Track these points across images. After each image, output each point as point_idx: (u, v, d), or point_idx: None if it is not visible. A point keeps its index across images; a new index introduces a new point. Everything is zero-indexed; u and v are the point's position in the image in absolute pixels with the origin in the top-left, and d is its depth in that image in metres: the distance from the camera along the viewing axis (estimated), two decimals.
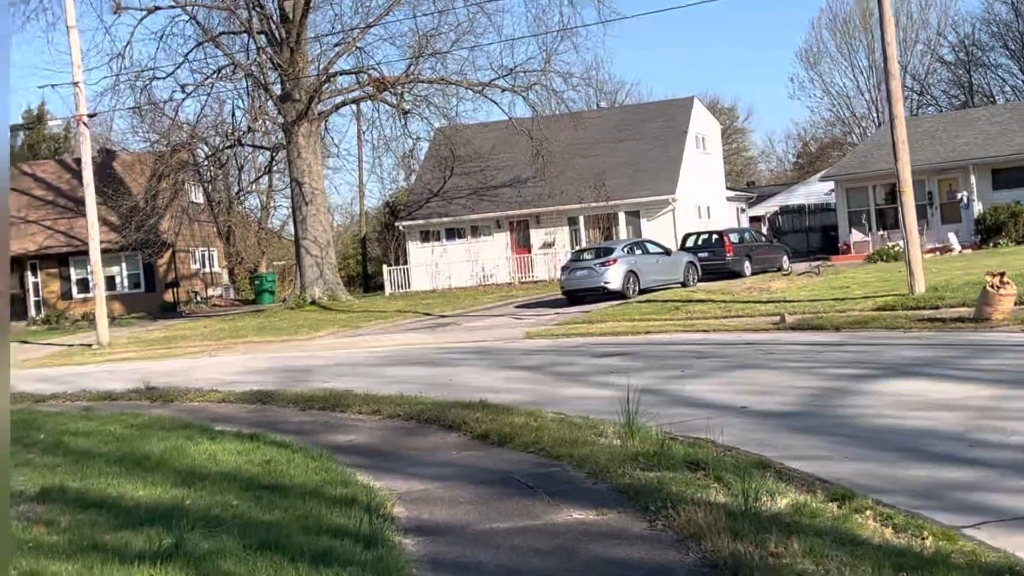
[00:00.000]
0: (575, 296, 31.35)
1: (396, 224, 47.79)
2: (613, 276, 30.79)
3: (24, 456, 9.72)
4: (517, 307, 32.75)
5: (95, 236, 32.52)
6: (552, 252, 43.76)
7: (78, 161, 56.96)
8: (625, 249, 32.46)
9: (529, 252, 44.89)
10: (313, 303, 38.57)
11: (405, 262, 46.64)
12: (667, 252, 34.16)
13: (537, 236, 45.09)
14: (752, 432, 9.73)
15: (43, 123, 69.93)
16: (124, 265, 50.06)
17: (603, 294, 30.67)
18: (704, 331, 20.40)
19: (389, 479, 8.43)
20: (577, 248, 38.84)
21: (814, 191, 56.71)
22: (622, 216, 44.01)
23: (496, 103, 42.23)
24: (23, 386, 20.68)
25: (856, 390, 11.78)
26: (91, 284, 33.97)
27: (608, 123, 49.08)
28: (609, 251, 31.98)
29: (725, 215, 50.48)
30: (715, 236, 37.38)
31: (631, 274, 31.19)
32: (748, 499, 6.53)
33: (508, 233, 45.44)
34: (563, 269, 32.61)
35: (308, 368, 20.13)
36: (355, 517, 6.59)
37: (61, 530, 6.43)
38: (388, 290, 45.20)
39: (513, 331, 24.68)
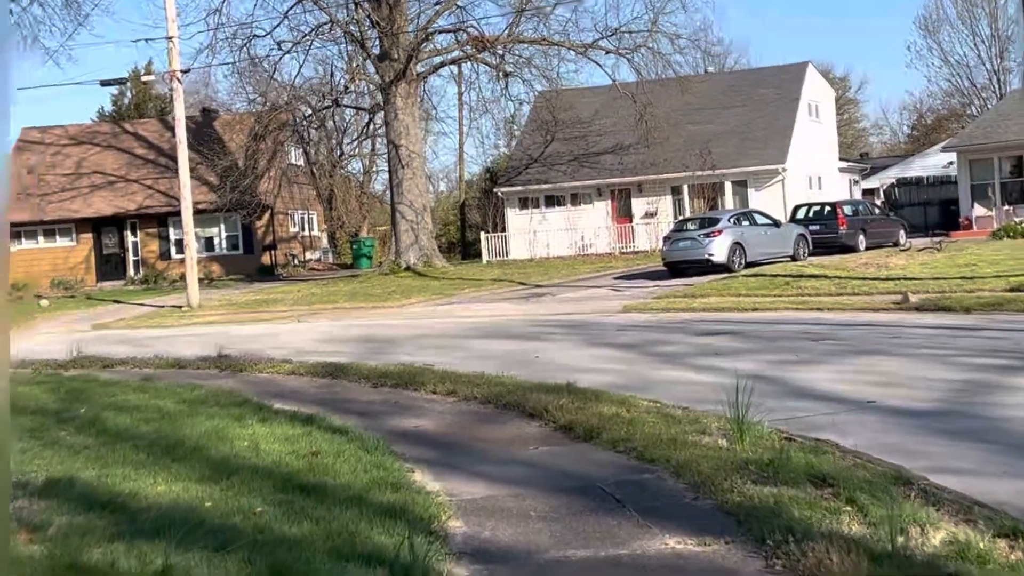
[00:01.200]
0: (677, 268, 29.79)
1: (495, 190, 46.58)
2: (718, 248, 29.13)
3: (54, 434, 8.74)
4: (615, 278, 31.32)
5: (187, 196, 31.94)
6: (654, 222, 42.13)
7: None
8: (731, 220, 30.73)
9: (630, 222, 43.31)
10: (408, 269, 37.63)
11: (503, 229, 45.45)
12: (776, 224, 32.30)
13: (639, 205, 43.47)
14: (883, 434, 8.25)
15: (146, 82, 70.26)
16: (223, 226, 49.69)
17: (707, 267, 29.06)
18: (818, 309, 18.75)
19: (451, 479, 7.19)
20: (680, 218, 37.14)
21: (931, 163, 53.88)
22: (728, 186, 42.14)
23: (599, 65, 40.66)
24: (100, 348, 20.03)
25: (1004, 384, 10.17)
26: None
27: (716, 88, 47.04)
28: (714, 221, 30.30)
29: (837, 187, 48.14)
30: (827, 208, 35.35)
31: (737, 246, 29.48)
32: (894, 534, 5.10)
33: (609, 201, 43.91)
34: (665, 240, 31.05)
35: (391, 338, 19.04)
36: (399, 535, 5.35)
37: (46, 538, 5.33)
38: (485, 258, 44.09)
39: (610, 304, 23.31)
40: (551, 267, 37.74)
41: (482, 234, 45.92)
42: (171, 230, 49.84)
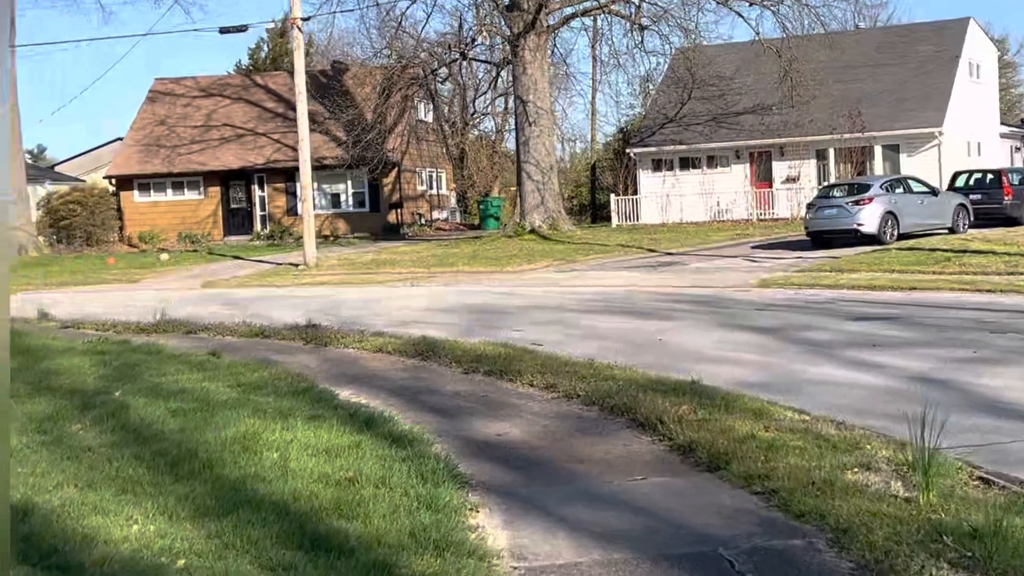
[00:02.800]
0: (821, 238, 27.33)
1: (627, 151, 44.37)
2: (868, 217, 26.54)
3: (65, 428, 7.27)
4: (753, 248, 29.01)
5: (305, 149, 30.78)
6: (796, 187, 39.42)
7: (310, 74, 56.41)
8: (884, 186, 28.01)
9: (770, 186, 40.66)
10: (532, 232, 35.86)
11: (634, 192, 43.27)
12: (933, 192, 29.41)
13: (780, 169, 40.77)
14: None
15: (283, 37, 69.76)
16: (349, 183, 48.60)
17: (854, 238, 26.52)
18: (988, 291, 16.32)
19: (525, 527, 5.42)
20: (826, 184, 34.40)
21: None
22: (878, 150, 39.13)
23: (742, 16, 37.99)
24: (196, 309, 18.91)
25: None
26: (299, 200, 32.22)
27: (867, 45, 43.75)
28: (864, 188, 27.66)
29: (997, 154, 44.51)
30: (990, 176, 32.26)
31: (889, 216, 26.83)
32: None
33: (747, 165, 41.31)
34: (808, 207, 28.53)
35: (502, 309, 17.32)
36: None
37: None
38: (615, 221, 42.03)
39: (746, 277, 21.16)
40: (683, 233, 35.54)
41: (612, 197, 43.83)
42: (298, 185, 48.91)
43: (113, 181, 48.19)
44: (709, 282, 20.49)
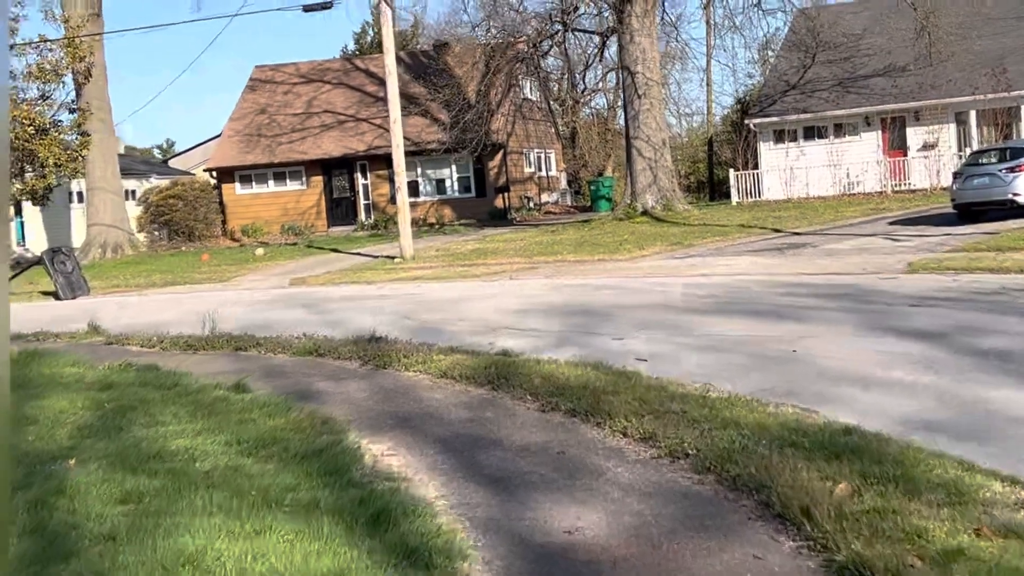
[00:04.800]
0: (969, 211, 24.21)
1: (746, 122, 41.31)
2: None
3: None
4: (891, 224, 26.01)
5: (397, 132, 28.72)
6: (934, 155, 35.98)
7: (411, 53, 54.54)
8: None
9: (904, 155, 37.25)
10: (644, 213, 33.29)
11: (755, 166, 40.24)
12: None
13: (915, 135, 37.29)
14: None
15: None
16: (454, 168, 46.56)
17: (1009, 209, 23.34)
18: None
19: None
20: (975, 150, 30.96)
21: None
22: None
23: None
24: (272, 314, 17.14)
25: None
26: (395, 188, 30.21)
27: None
28: (1020, 152, 24.38)
29: None
30: None
31: None
32: None
33: (879, 132, 37.93)
34: (955, 176, 25.34)
35: (605, 309, 14.95)
36: None
37: None
38: (735, 198, 39.11)
39: (888, 259, 18.38)
40: (810, 210, 32.54)
41: (731, 172, 40.86)
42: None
43: (214, 174, 47.09)
44: (846, 268, 17.77)
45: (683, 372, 9.56)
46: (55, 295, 25.28)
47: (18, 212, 46.82)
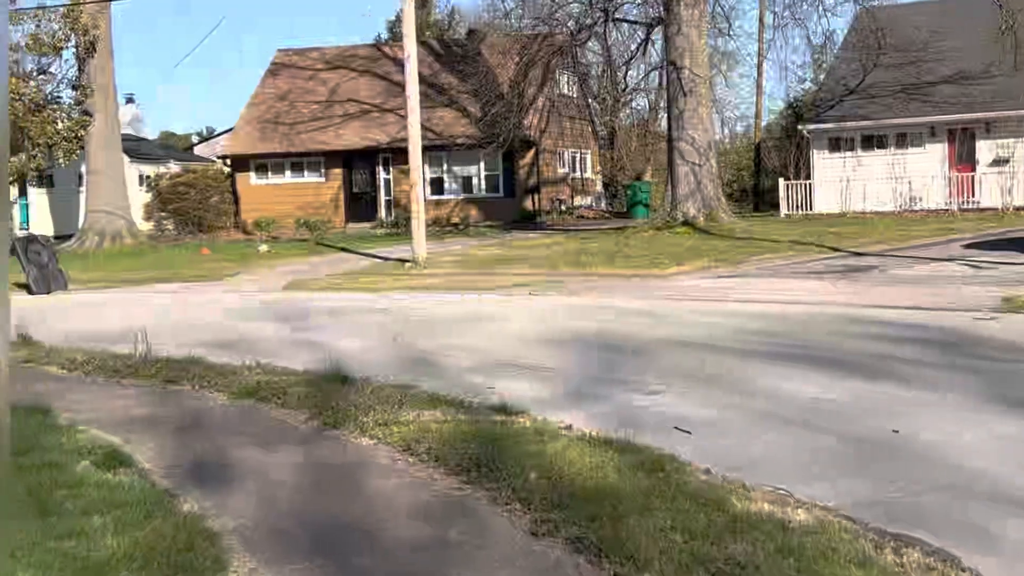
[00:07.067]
0: None
1: (799, 127, 38.21)
2: None
3: None
4: (965, 247, 22.94)
5: (415, 124, 25.91)
6: (1007, 171, 32.82)
7: (442, 42, 51.79)
8: None
9: (972, 170, 34.11)
10: (685, 223, 30.31)
11: (807, 176, 37.16)
12: None
13: (985, 149, 34.13)
14: None
15: (424, 7, 65.47)
16: (482, 165, 43.62)
17: None
18: None
19: None
20: None
21: None
22: None
23: None
24: (248, 326, 14.52)
25: None
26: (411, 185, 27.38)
27: None
28: None
29: None
30: None
31: None
32: None
33: (945, 144, 34.79)
34: None
35: (636, 343, 12.11)
36: None
37: None
38: (784, 210, 36.06)
39: (976, 292, 15.40)
40: (868, 226, 29.51)
41: (780, 181, 37.76)
42: (426, 168, 44.21)
43: (228, 161, 44.53)
44: (927, 301, 14.80)
45: (742, 460, 6.74)
46: (27, 288, 22.69)
47: (22, 194, 44.49)
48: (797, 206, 35.77)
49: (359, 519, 5.62)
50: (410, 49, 25.68)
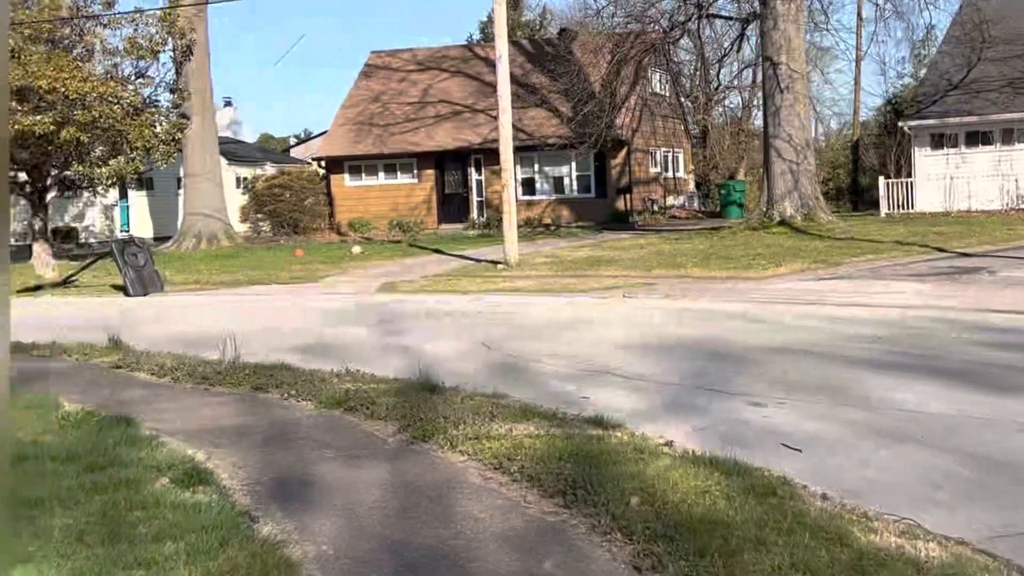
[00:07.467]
0: None
1: (899, 124, 37.09)
2: None
3: None
4: None
5: (506, 123, 25.66)
6: None
7: (534, 41, 51.53)
8: None
9: None
10: (781, 223, 29.59)
11: (908, 174, 36.04)
12: None
13: None
14: None
15: (516, 9, 65.28)
16: (573, 165, 43.17)
17: None
18: None
19: None
20: None
21: None
22: None
23: None
24: (342, 331, 14.32)
25: None
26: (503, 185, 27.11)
27: None
28: None
29: None
30: None
31: None
32: None
33: None
34: None
35: (739, 353, 11.64)
36: None
37: None
38: (883, 209, 35.01)
39: None
40: (975, 225, 28.45)
41: (880, 180, 36.68)
42: (518, 168, 43.87)
43: (323, 163, 44.80)
44: None
45: (860, 483, 6.30)
46: (124, 290, 22.95)
47: (123, 196, 45.30)
48: (897, 205, 34.72)
49: (448, 546, 5.32)
50: (502, 49, 25.42)
